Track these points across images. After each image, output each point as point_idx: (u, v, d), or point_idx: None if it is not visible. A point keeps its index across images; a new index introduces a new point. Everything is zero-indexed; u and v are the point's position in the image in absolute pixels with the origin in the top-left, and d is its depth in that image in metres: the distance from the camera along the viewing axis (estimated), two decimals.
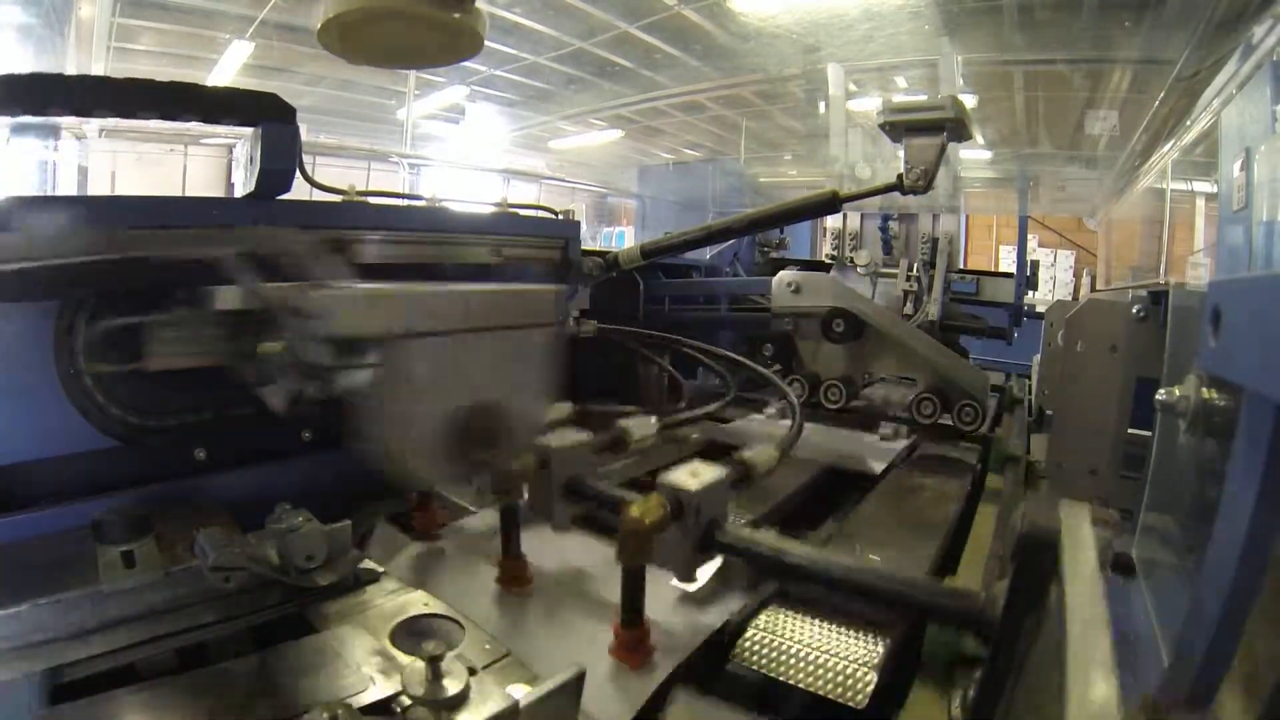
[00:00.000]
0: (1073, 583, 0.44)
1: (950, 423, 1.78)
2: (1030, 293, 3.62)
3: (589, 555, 1.03)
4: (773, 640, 0.82)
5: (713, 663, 0.82)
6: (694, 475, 0.80)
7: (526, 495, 0.96)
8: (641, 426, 1.19)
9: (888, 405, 2.05)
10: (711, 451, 1.53)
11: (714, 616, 0.88)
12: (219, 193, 7.13)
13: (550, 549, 1.02)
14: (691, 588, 0.91)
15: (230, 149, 7.36)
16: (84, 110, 1.02)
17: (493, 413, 0.87)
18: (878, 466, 1.50)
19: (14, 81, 0.92)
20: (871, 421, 1.80)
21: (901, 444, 1.68)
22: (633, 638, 0.78)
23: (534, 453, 0.92)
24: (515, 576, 0.95)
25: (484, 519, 1.14)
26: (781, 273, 1.94)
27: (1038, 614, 0.51)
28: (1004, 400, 2.38)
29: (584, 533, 1.06)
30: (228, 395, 1.13)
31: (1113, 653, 0.37)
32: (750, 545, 0.79)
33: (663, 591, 0.89)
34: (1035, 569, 0.50)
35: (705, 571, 0.88)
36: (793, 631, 0.84)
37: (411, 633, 0.82)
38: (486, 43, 1.26)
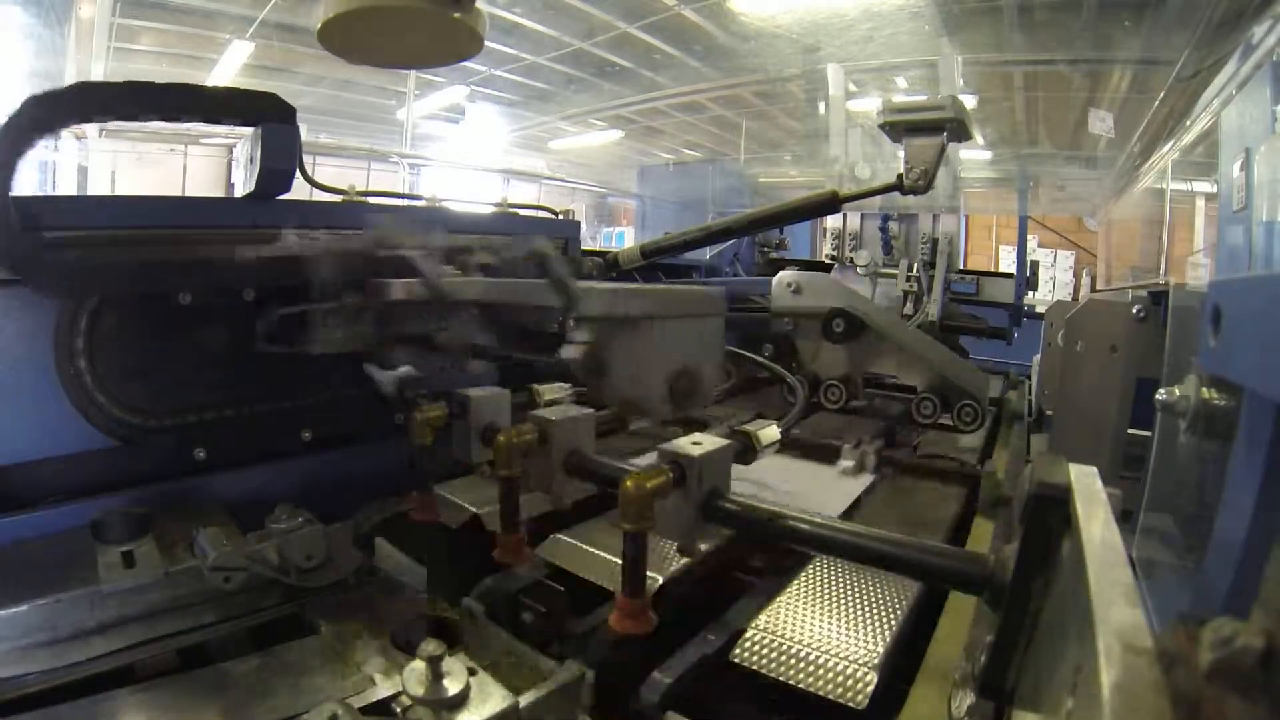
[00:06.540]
0: (1089, 526, 0.43)
1: (950, 422, 1.78)
2: (1030, 293, 3.63)
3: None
4: (773, 640, 0.82)
5: (713, 663, 0.82)
6: (696, 444, 0.78)
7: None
8: None
9: (887, 408, 2.05)
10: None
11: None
12: (219, 193, 7.13)
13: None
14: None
15: (230, 149, 7.36)
16: (88, 118, 1.01)
17: None
18: (835, 507, 1.28)
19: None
20: (833, 453, 1.52)
21: (865, 480, 1.44)
22: (636, 606, 0.76)
23: (534, 427, 0.90)
24: (514, 552, 0.93)
25: (484, 496, 1.13)
26: (782, 273, 1.94)
27: (1046, 576, 0.50)
28: (1001, 414, 2.15)
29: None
30: (227, 395, 1.13)
31: (1136, 584, 0.36)
32: (756, 514, 0.76)
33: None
34: (1045, 528, 0.50)
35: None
36: (793, 631, 0.84)
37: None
38: (486, 43, 1.26)
